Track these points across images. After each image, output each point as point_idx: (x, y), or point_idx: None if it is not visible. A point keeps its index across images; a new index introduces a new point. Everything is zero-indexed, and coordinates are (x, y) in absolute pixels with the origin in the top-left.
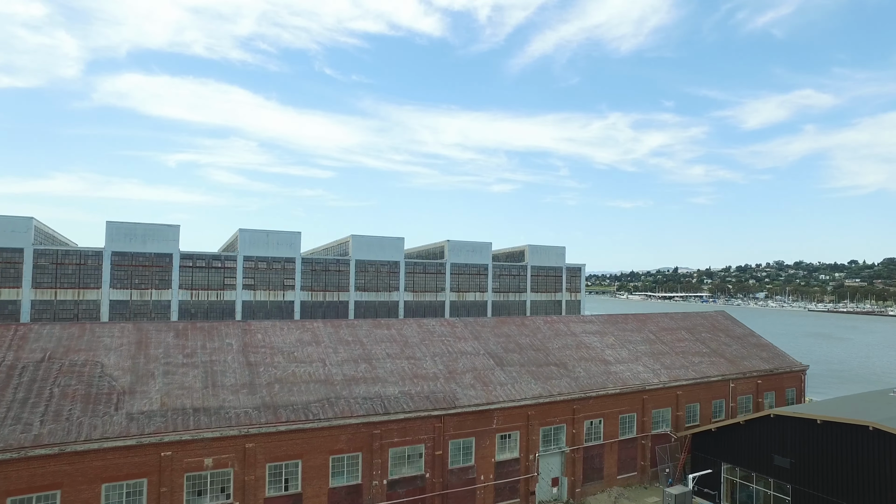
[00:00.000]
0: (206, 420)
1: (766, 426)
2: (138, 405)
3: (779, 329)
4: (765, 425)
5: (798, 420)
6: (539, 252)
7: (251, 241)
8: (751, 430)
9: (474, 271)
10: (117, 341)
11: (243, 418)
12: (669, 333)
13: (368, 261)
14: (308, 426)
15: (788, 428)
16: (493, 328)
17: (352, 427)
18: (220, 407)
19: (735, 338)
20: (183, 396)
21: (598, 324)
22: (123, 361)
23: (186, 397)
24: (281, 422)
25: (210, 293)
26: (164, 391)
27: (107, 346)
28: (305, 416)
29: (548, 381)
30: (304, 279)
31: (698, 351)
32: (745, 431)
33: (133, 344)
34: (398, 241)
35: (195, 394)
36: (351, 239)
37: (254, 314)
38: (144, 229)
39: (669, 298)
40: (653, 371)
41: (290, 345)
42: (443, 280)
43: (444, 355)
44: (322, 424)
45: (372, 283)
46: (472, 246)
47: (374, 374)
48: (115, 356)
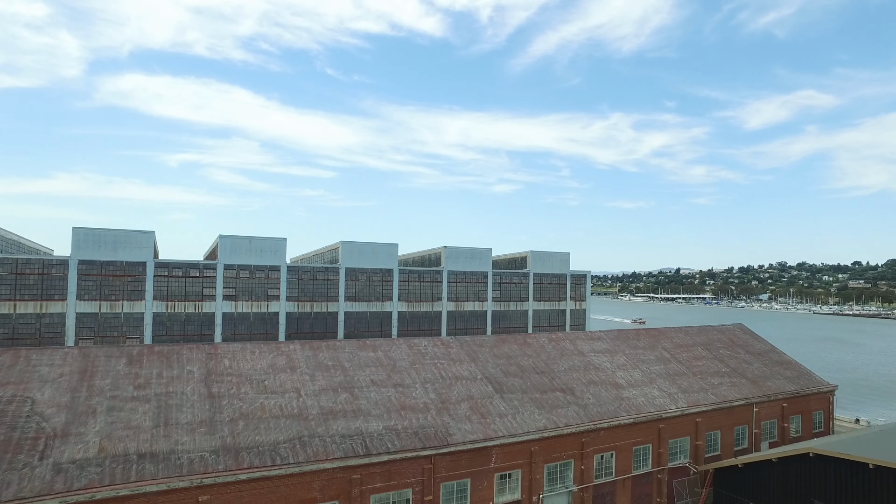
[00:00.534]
0: (151, 469)
1: (803, 466)
2: (70, 452)
3: (787, 333)
4: (802, 465)
5: (844, 462)
6: (542, 258)
7: (232, 247)
8: (785, 470)
9: (473, 279)
10: (57, 371)
11: (198, 465)
12: (685, 350)
13: (360, 269)
14: (275, 472)
15: (832, 470)
16: (491, 348)
17: (327, 472)
18: (171, 451)
19: (755, 354)
20: (128, 439)
21: (607, 341)
22: (60, 396)
23: (132, 439)
24: (242, 468)
25: (188, 304)
26: (105, 433)
27: (42, 376)
28: (272, 461)
29: (553, 411)
30: (290, 289)
31: (717, 371)
32: (779, 470)
33: (76, 374)
34: (391, 247)
35: (143, 435)
36: (340, 245)
37: (235, 326)
38: (115, 236)
39: (672, 300)
40: (669, 395)
41: (261, 372)
42: (439, 289)
43: (436, 381)
44: (291, 470)
45: (363, 293)
46: (470, 252)
47: (355, 405)
48: (50, 390)
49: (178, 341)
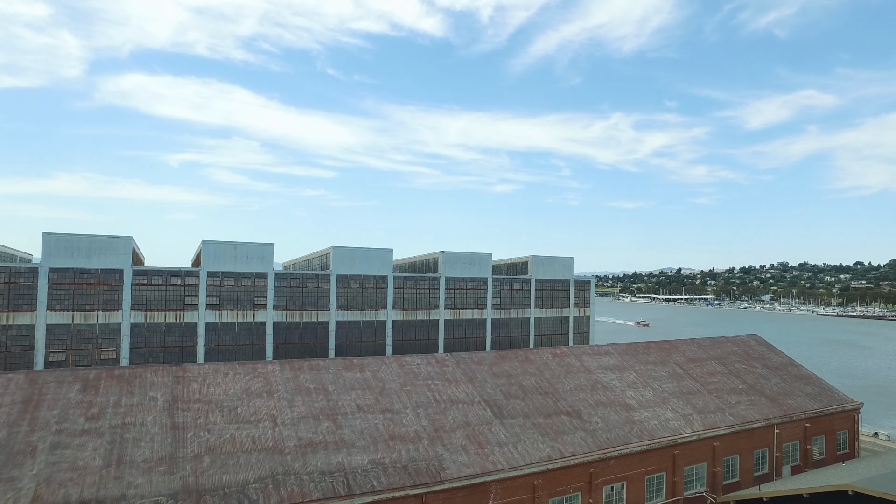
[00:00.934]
0: None
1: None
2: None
3: (792, 336)
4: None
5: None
6: (544, 263)
7: (216, 254)
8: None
9: (472, 286)
10: None
11: None
12: (698, 365)
13: (352, 275)
14: None
15: None
16: (490, 366)
17: None
18: (121, 496)
19: (773, 368)
20: (71, 482)
21: (615, 356)
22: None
23: (76, 483)
24: None
25: (168, 314)
26: (44, 476)
27: None
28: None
29: (558, 438)
30: (278, 297)
31: (734, 388)
32: None
33: (17, 404)
34: (385, 252)
35: (90, 477)
36: (332, 251)
37: (219, 337)
38: (89, 241)
39: (674, 301)
40: (684, 417)
41: (234, 397)
42: (437, 296)
43: (429, 405)
44: None
45: (356, 301)
46: (469, 257)
47: (338, 435)
48: None
49: (158, 353)
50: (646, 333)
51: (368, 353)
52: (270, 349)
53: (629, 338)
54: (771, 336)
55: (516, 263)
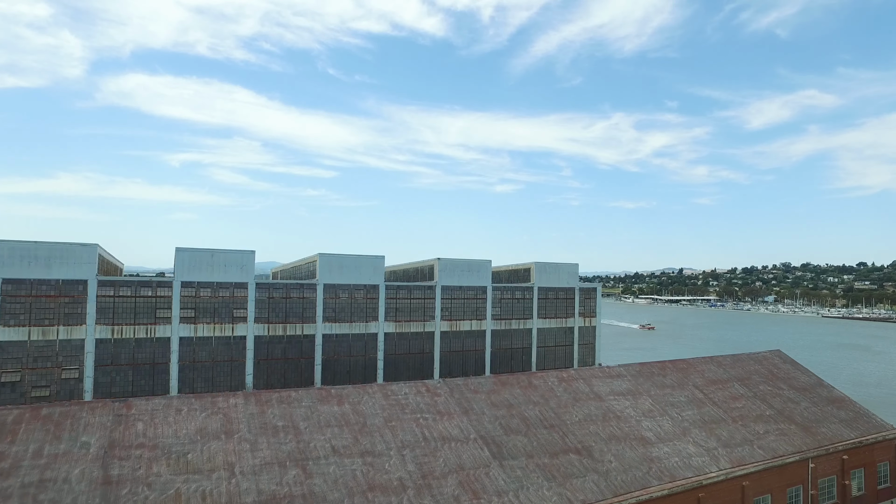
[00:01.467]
0: None
1: None
2: None
3: (800, 340)
4: None
5: None
6: (547, 270)
7: (191, 262)
8: None
9: (470, 295)
10: None
11: None
12: (719, 388)
13: (340, 284)
14: None
15: None
16: (489, 394)
17: None
18: None
19: (800, 390)
20: None
21: (628, 378)
22: None
23: None
24: None
25: (138, 328)
26: None
27: None
28: None
29: (567, 482)
30: (260, 309)
31: (760, 414)
32: None
33: None
34: (377, 259)
35: None
36: (318, 258)
37: (195, 353)
38: (49, 250)
39: (676, 302)
40: (708, 452)
41: (186, 439)
42: (432, 306)
43: (417, 445)
44: None
45: (345, 312)
46: (467, 265)
47: (307, 487)
48: None
49: (127, 371)
50: (651, 337)
51: (358, 369)
52: (251, 365)
53: (634, 342)
54: (778, 340)
55: (517, 270)
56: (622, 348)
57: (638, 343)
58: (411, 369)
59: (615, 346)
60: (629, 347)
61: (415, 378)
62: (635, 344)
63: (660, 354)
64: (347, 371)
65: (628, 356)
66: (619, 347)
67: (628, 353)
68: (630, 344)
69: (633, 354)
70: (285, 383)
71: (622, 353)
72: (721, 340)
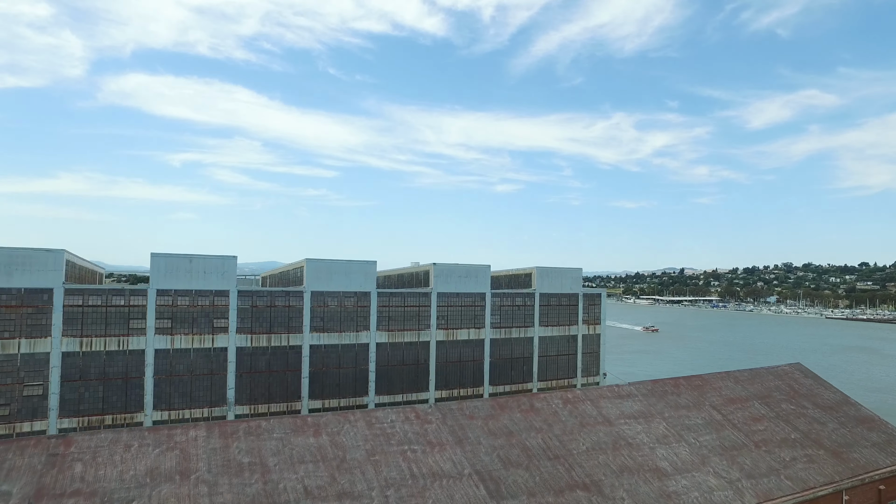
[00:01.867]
0: None
1: None
2: None
3: (806, 342)
4: None
5: None
6: (549, 276)
7: (168, 268)
8: None
9: (468, 302)
10: None
11: None
12: (739, 407)
13: (329, 292)
14: None
15: None
16: (486, 420)
17: None
18: None
19: (826, 409)
20: None
21: (639, 399)
22: None
23: None
24: None
25: (109, 340)
26: None
27: None
28: None
29: None
30: (242, 318)
31: (785, 437)
32: None
33: None
34: (368, 265)
35: None
36: (305, 264)
37: (171, 366)
38: (9, 256)
39: (678, 303)
40: (730, 484)
41: (133, 483)
42: (427, 314)
43: (403, 484)
44: None
45: (334, 322)
46: (465, 270)
47: None
48: None
49: (96, 386)
50: (655, 339)
51: (348, 381)
52: (233, 378)
53: (638, 344)
54: (782, 343)
55: (518, 275)
56: (626, 351)
57: (642, 345)
58: (405, 381)
59: (619, 349)
60: (634, 350)
61: (409, 391)
62: (639, 346)
63: (665, 358)
64: (337, 384)
65: (633, 360)
66: (624, 350)
67: (633, 357)
68: (634, 347)
69: (638, 358)
70: (270, 397)
71: (626, 357)
72: (726, 343)
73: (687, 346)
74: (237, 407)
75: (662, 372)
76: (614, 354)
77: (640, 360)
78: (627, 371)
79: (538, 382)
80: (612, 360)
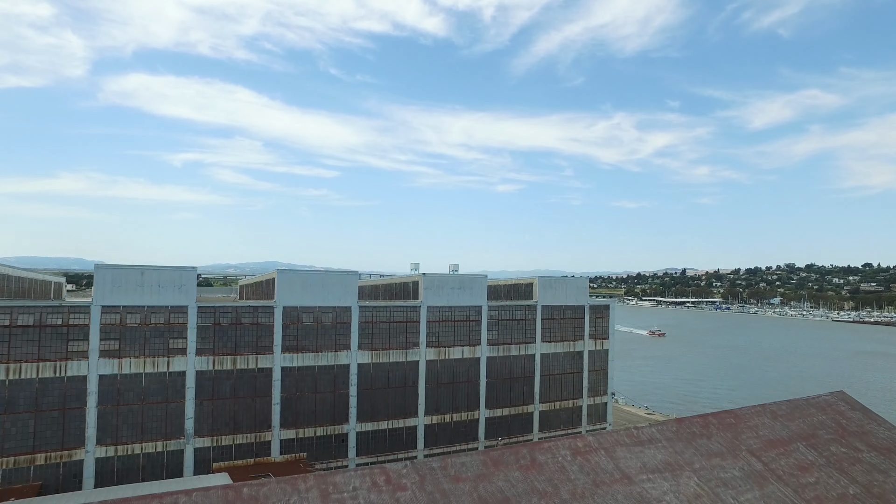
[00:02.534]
0: None
1: None
2: None
3: (815, 346)
4: None
5: None
6: (552, 287)
7: (115, 282)
8: None
9: (462, 316)
10: None
11: None
12: (781, 453)
13: (304, 307)
14: None
15: None
16: (475, 482)
17: None
18: None
19: (884, 451)
20: None
21: (663, 444)
22: None
23: None
24: None
25: (43, 366)
26: None
27: None
28: None
29: None
30: (204, 338)
31: (842, 493)
32: None
33: None
34: (348, 276)
35: None
36: (276, 276)
37: (120, 394)
38: None
39: (680, 304)
40: None
41: None
42: (416, 331)
43: None
44: None
45: (310, 340)
46: (458, 280)
47: None
48: None
49: (27, 420)
50: (662, 344)
51: (326, 408)
52: (192, 407)
53: (646, 349)
54: (792, 346)
55: (518, 285)
56: (634, 357)
57: (650, 351)
58: (390, 406)
59: (627, 356)
60: (642, 356)
61: (395, 416)
62: (647, 352)
63: (675, 365)
64: (313, 411)
65: (642, 368)
66: (632, 357)
67: (642, 365)
68: (642, 352)
69: (647, 365)
70: (235, 427)
71: (635, 365)
72: (735, 347)
73: (696, 352)
74: (197, 439)
75: (675, 382)
76: (622, 361)
77: (649, 367)
78: (638, 381)
79: (540, 405)
80: (620, 368)
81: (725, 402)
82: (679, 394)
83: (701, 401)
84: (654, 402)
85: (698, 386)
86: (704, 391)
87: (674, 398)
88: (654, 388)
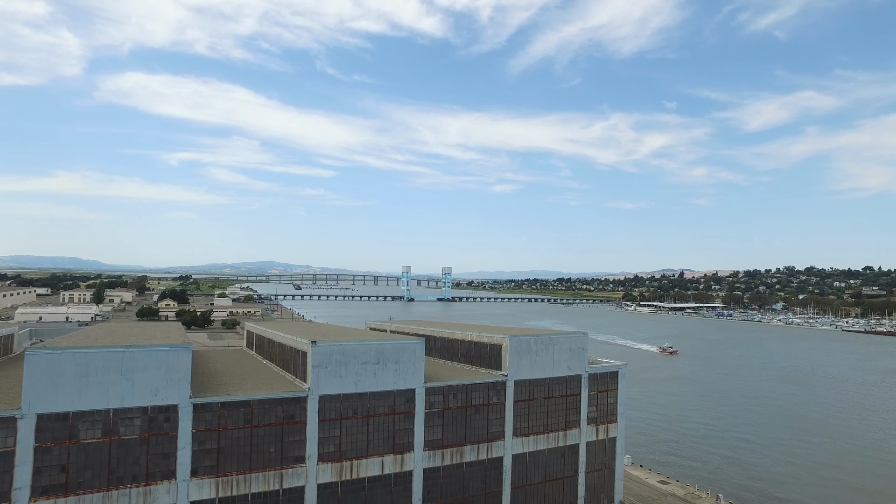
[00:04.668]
0: None
1: None
2: None
3: (837, 362)
4: None
5: None
6: (532, 349)
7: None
8: None
9: (381, 407)
10: None
11: None
12: None
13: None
14: None
15: None
16: None
17: None
18: None
19: None
20: None
21: None
22: None
23: None
24: None
25: None
26: None
27: None
28: None
29: None
30: None
31: None
32: None
33: None
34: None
35: None
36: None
37: None
38: None
39: (680, 310)
40: None
41: None
42: (302, 437)
43: None
44: None
45: None
46: (376, 353)
47: None
48: None
49: None
50: (677, 363)
51: None
52: None
53: (661, 370)
54: (815, 366)
55: (482, 344)
56: (649, 380)
57: (664, 371)
58: None
59: (640, 378)
60: (657, 379)
61: None
62: (662, 373)
63: (698, 389)
64: None
65: (659, 393)
66: (645, 379)
67: (658, 390)
68: (655, 373)
69: (665, 390)
70: None
71: (651, 390)
72: (756, 367)
73: (716, 371)
74: None
75: (701, 418)
76: (635, 386)
77: (668, 392)
78: (658, 415)
79: None
80: (634, 395)
81: (764, 457)
82: (703, 435)
83: (732, 453)
84: (669, 447)
85: (728, 424)
86: (734, 433)
87: (696, 448)
88: (669, 429)
